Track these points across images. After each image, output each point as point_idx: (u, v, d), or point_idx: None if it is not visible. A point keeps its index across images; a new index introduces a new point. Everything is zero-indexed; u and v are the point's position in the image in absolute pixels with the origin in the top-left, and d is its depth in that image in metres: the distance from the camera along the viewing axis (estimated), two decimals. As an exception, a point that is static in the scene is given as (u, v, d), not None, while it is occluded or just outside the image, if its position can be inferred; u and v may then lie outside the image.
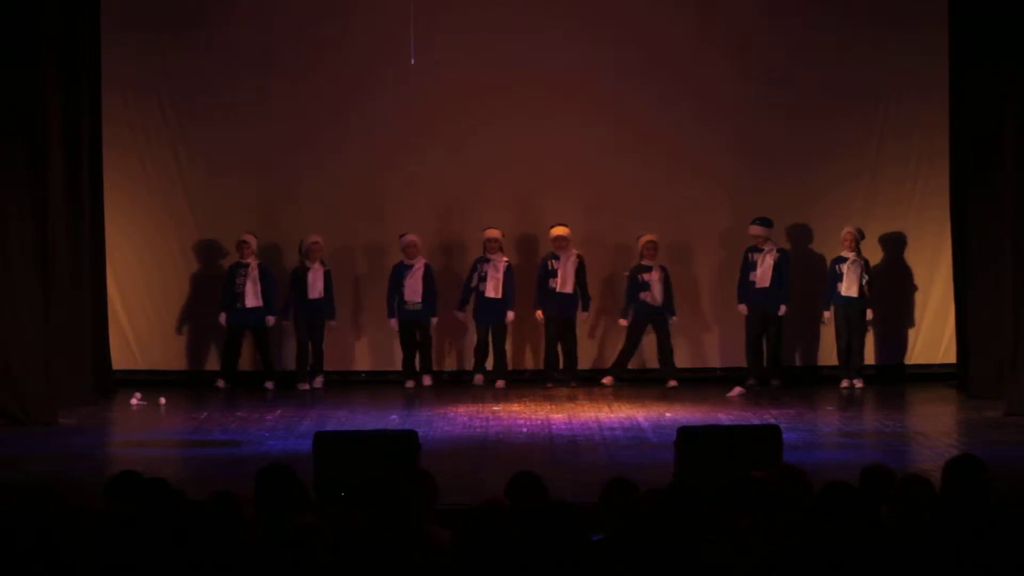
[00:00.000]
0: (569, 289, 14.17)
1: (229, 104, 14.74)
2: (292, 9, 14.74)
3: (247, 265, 14.22)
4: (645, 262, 14.23)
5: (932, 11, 14.34)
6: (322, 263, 14.22)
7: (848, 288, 14.14)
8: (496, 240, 14.20)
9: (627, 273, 14.36)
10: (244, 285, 14.19)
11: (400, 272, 14.29)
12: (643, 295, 14.20)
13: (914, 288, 14.90)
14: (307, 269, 14.15)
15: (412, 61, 13.46)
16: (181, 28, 14.66)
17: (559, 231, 14.18)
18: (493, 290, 14.13)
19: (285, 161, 14.73)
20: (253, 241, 14.29)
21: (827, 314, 14.36)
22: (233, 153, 14.76)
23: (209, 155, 14.79)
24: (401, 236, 14.31)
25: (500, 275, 14.13)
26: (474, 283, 14.26)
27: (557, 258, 14.19)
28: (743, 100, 14.73)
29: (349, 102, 14.72)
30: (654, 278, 14.15)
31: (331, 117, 14.72)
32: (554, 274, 14.19)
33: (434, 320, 14.43)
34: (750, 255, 14.25)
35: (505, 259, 14.23)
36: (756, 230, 14.23)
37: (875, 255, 14.45)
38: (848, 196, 14.76)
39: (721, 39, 14.68)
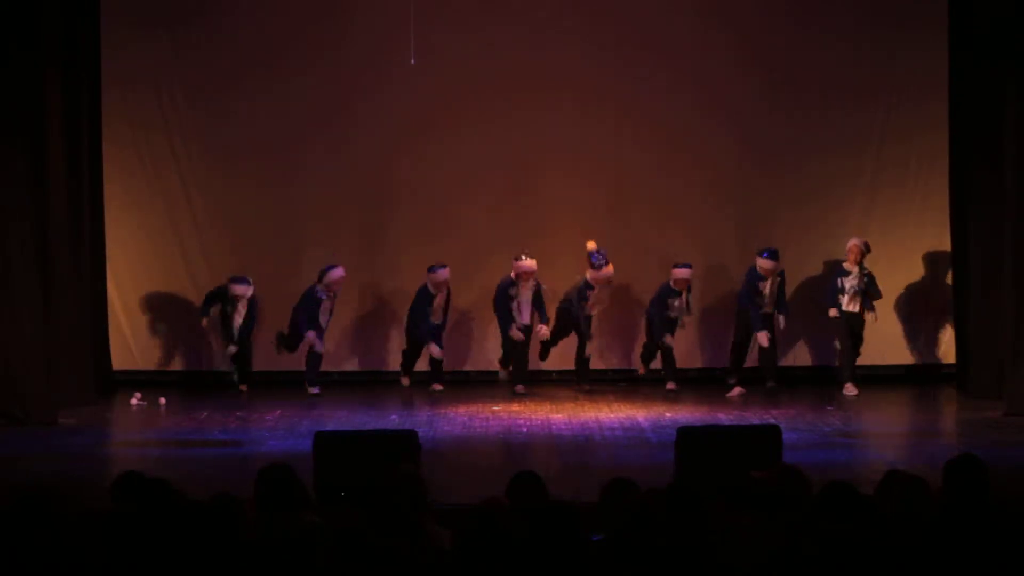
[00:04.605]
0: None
1: (229, 102, 14.73)
2: (292, 6, 14.73)
3: (236, 305, 14.13)
4: (676, 287, 14.12)
5: (932, 11, 14.34)
6: (334, 296, 14.09)
7: (849, 303, 14.08)
8: (531, 272, 13.91)
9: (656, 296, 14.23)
10: (232, 318, 14.09)
11: (425, 301, 14.08)
12: (671, 313, 14.14)
13: (914, 288, 14.90)
14: (321, 300, 14.06)
15: (412, 61, 13.46)
16: (181, 26, 14.66)
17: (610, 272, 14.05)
18: (526, 316, 13.97)
19: (286, 158, 14.73)
20: (247, 290, 14.09)
21: (833, 311, 14.13)
22: (234, 151, 14.76)
23: (209, 153, 14.79)
24: (431, 271, 14.05)
25: (530, 300, 13.96)
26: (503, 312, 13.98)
27: (592, 288, 14.08)
28: (743, 100, 14.73)
29: (349, 98, 14.71)
30: (683, 303, 14.11)
31: (331, 113, 14.71)
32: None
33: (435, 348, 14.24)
34: (758, 284, 14.00)
35: (534, 283, 13.96)
36: (766, 264, 13.94)
37: (875, 256, 14.43)
38: (848, 196, 14.76)
39: (722, 39, 14.67)
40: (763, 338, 13.94)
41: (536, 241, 14.20)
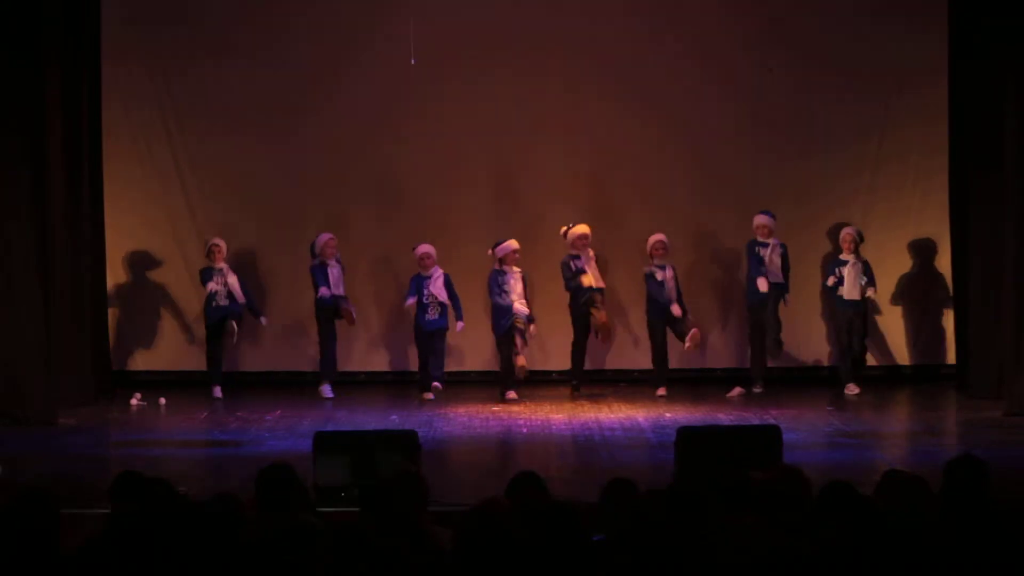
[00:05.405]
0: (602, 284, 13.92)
1: (229, 104, 14.72)
2: (294, 14, 14.71)
3: (220, 269, 14.04)
4: (657, 262, 14.02)
5: (933, 7, 14.30)
6: (337, 260, 14.08)
7: (850, 292, 14.07)
8: (517, 251, 13.70)
9: (645, 272, 14.12)
10: (217, 288, 13.99)
11: (419, 285, 13.84)
12: (657, 295, 13.99)
13: (914, 288, 14.89)
14: (326, 266, 13.98)
15: (412, 61, 13.47)
16: (181, 30, 14.64)
17: (583, 229, 13.83)
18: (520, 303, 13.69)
19: (285, 161, 14.72)
20: (224, 245, 14.09)
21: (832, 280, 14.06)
22: (233, 152, 14.75)
23: (209, 154, 14.77)
24: (414, 248, 13.90)
25: (520, 286, 13.75)
26: (500, 296, 13.62)
27: (578, 257, 13.88)
28: (742, 97, 14.72)
29: (350, 102, 14.70)
30: (667, 276, 13.97)
31: (333, 120, 14.70)
32: (583, 272, 13.81)
33: (460, 324, 13.95)
34: (758, 250, 13.97)
35: (519, 270, 13.75)
36: (763, 220, 13.91)
37: (875, 254, 14.43)
38: (848, 192, 14.73)
39: (721, 31, 14.65)
40: (762, 283, 13.75)
41: (536, 234, 14.13)
